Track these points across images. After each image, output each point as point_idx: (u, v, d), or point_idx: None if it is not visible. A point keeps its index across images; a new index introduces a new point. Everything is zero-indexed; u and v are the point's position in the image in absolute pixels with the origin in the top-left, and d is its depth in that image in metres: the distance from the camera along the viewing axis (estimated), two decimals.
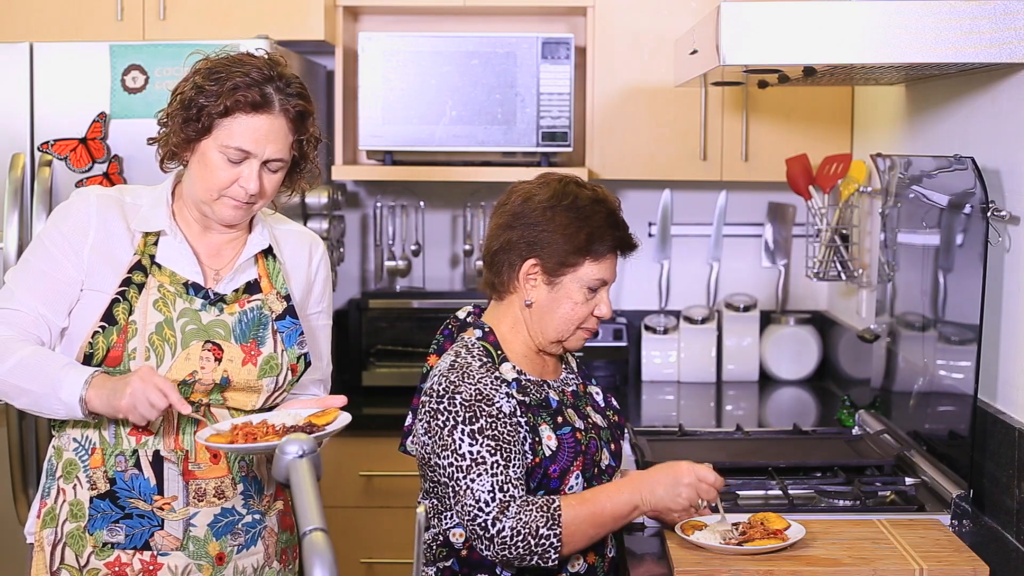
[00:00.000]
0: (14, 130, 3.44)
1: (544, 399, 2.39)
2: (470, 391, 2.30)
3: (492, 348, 2.39)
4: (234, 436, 2.22)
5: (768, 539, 2.35)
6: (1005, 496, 2.59)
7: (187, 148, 2.33)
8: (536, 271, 2.37)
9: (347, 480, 3.73)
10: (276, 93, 2.31)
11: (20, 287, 2.35)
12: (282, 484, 1.72)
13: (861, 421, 3.39)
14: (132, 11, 3.84)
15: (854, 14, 2.57)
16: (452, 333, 2.49)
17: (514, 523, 2.23)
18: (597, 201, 2.38)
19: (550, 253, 2.36)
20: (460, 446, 2.27)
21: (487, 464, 2.26)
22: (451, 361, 2.36)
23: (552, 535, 2.23)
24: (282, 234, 2.51)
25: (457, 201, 4.32)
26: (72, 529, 2.35)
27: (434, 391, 2.33)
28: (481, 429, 2.27)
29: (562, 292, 2.37)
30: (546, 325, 2.40)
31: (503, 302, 2.44)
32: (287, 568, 2.51)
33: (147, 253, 2.36)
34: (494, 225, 2.43)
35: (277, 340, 2.40)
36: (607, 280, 2.40)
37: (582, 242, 2.35)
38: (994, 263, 2.69)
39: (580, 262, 2.36)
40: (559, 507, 2.25)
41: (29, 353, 2.28)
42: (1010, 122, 2.68)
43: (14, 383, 2.28)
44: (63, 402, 2.25)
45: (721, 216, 4.23)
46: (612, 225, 2.38)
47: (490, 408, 2.29)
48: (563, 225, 2.35)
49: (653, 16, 3.94)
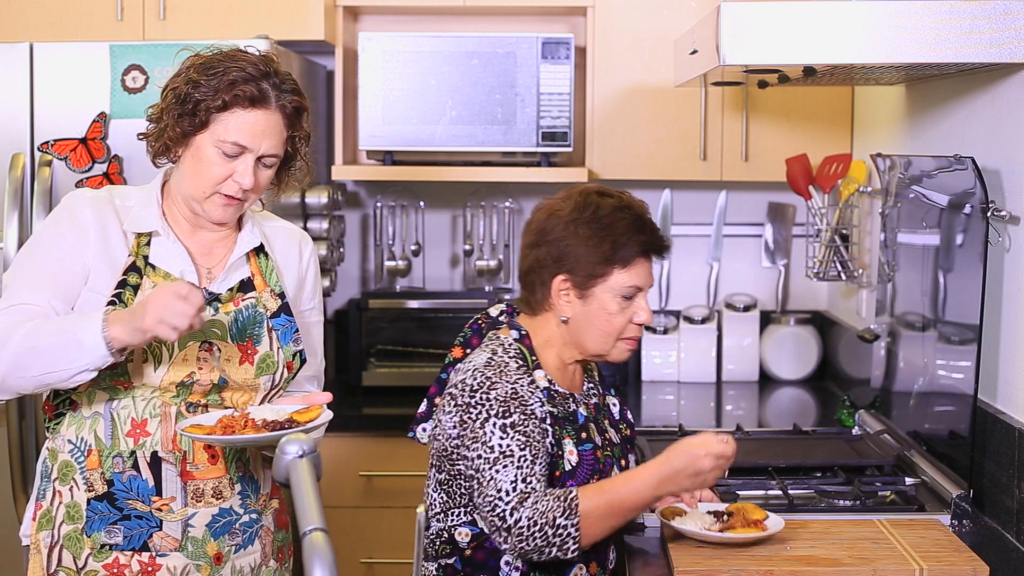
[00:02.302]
0: (14, 130, 3.44)
1: (572, 413, 2.39)
2: (506, 388, 2.30)
3: (527, 352, 2.39)
4: (213, 429, 2.23)
5: (749, 528, 2.37)
6: (1005, 496, 2.59)
7: (181, 143, 2.33)
8: (567, 286, 2.37)
9: (347, 480, 3.73)
10: (272, 89, 2.31)
11: (26, 284, 2.30)
12: (282, 484, 1.72)
13: (861, 421, 3.39)
14: (132, 11, 3.84)
15: (854, 14, 2.57)
16: (481, 328, 2.49)
17: (531, 513, 2.22)
18: (620, 208, 2.37)
19: (578, 266, 2.35)
20: (491, 438, 2.26)
21: (514, 457, 2.25)
22: (487, 358, 2.36)
23: (570, 525, 2.22)
24: (271, 231, 2.51)
25: (457, 201, 4.32)
26: (69, 531, 2.35)
27: (467, 385, 2.32)
28: (514, 424, 2.27)
29: (596, 304, 2.37)
30: (585, 339, 2.39)
31: (538, 317, 2.44)
32: (283, 567, 2.52)
33: (140, 254, 2.35)
34: (523, 245, 2.44)
35: (273, 338, 2.40)
36: (641, 286, 2.38)
37: (607, 251, 2.34)
38: (994, 263, 2.69)
39: (609, 271, 2.35)
40: (576, 497, 2.24)
41: (39, 321, 2.23)
42: (1010, 122, 2.68)
43: (30, 345, 2.19)
44: (86, 347, 2.17)
45: (721, 216, 4.23)
46: (638, 230, 2.37)
47: (524, 408, 2.29)
48: (586, 237, 2.35)
49: (653, 16, 3.94)
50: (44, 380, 2.23)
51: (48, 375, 2.21)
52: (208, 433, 2.21)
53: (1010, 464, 2.58)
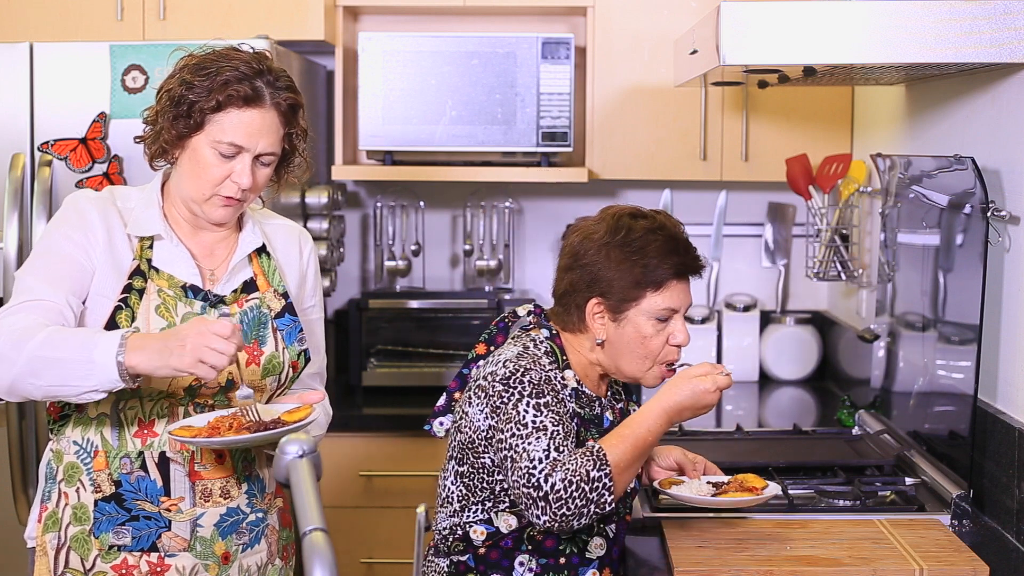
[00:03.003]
0: (14, 130, 3.43)
1: (597, 416, 2.40)
2: (540, 374, 2.31)
3: (558, 351, 2.40)
4: (201, 431, 2.22)
5: (742, 493, 2.38)
6: (1005, 496, 2.59)
7: (178, 145, 2.32)
8: (601, 309, 2.37)
9: (347, 480, 3.73)
10: (267, 87, 2.31)
11: (39, 281, 2.27)
12: (282, 484, 1.72)
13: (861, 421, 3.39)
14: (132, 11, 3.84)
15: (854, 14, 2.57)
16: (507, 327, 2.50)
17: (564, 474, 2.20)
18: (652, 231, 2.37)
19: (611, 290, 2.35)
20: (524, 416, 2.26)
21: (547, 431, 2.25)
22: (519, 351, 2.36)
23: (604, 475, 2.21)
24: (271, 230, 2.51)
25: (457, 201, 4.32)
26: (76, 533, 2.34)
27: (498, 375, 2.32)
28: (548, 404, 2.28)
29: (630, 327, 2.36)
30: (621, 361, 2.39)
31: (574, 336, 2.44)
32: (288, 565, 2.52)
33: (144, 257, 2.35)
34: (558, 267, 2.44)
35: (278, 338, 2.41)
36: (676, 308, 2.38)
37: (639, 275, 2.34)
38: (994, 263, 2.69)
39: (642, 295, 2.35)
40: (601, 448, 2.24)
41: (58, 328, 2.21)
42: (1010, 122, 2.68)
43: (43, 355, 2.15)
44: (97, 363, 2.13)
45: (721, 216, 4.23)
46: (671, 252, 2.36)
47: (556, 394, 2.31)
48: (618, 260, 2.34)
49: (653, 16, 3.94)
50: (53, 392, 2.20)
51: (58, 387, 2.18)
52: (195, 435, 2.21)
53: (1010, 464, 2.58)
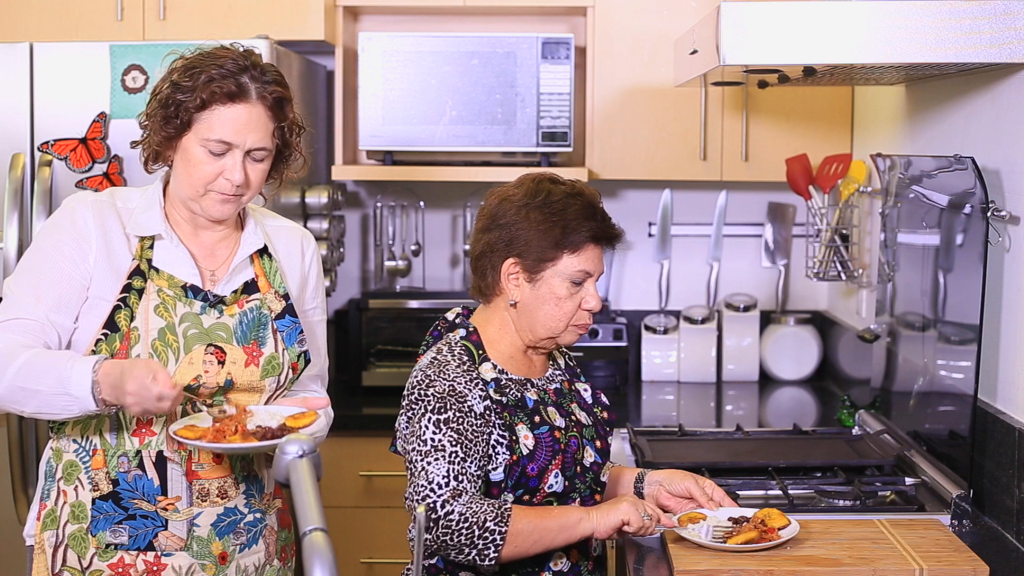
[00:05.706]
0: (14, 130, 3.44)
1: (521, 399, 2.40)
2: (444, 386, 2.32)
3: (474, 348, 2.41)
4: (206, 431, 2.23)
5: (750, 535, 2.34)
6: (1005, 496, 2.59)
7: (169, 147, 2.33)
8: (516, 269, 2.39)
9: (347, 480, 3.73)
10: (252, 82, 2.31)
11: (26, 295, 2.31)
12: (282, 484, 1.72)
13: (861, 421, 3.39)
14: (132, 11, 3.84)
15: (854, 14, 2.57)
16: (441, 334, 2.51)
17: (464, 510, 2.23)
18: (571, 195, 2.39)
19: (527, 250, 2.37)
20: (424, 432, 2.29)
21: (446, 452, 2.27)
22: (431, 358, 2.39)
23: (497, 532, 2.23)
24: (273, 231, 2.51)
25: (457, 201, 4.32)
26: (74, 531, 2.35)
27: (411, 386, 2.37)
28: (447, 420, 2.29)
29: (544, 288, 2.38)
30: (534, 323, 2.41)
31: (491, 305, 2.46)
32: (286, 566, 2.52)
33: (144, 257, 2.35)
34: (475, 230, 2.46)
35: (278, 339, 2.41)
36: (590, 272, 2.40)
37: (557, 236, 2.36)
38: (994, 263, 2.69)
39: (558, 256, 2.37)
40: (509, 508, 2.27)
41: (33, 354, 2.25)
42: (1010, 122, 2.68)
43: (22, 385, 2.23)
44: (74, 397, 2.21)
45: (721, 216, 4.23)
46: (588, 216, 2.38)
47: (460, 404, 2.31)
48: (537, 221, 2.36)
49: (653, 16, 3.94)
50: (40, 416, 2.29)
51: (43, 414, 2.28)
52: (200, 435, 2.22)
53: (1010, 464, 2.58)
